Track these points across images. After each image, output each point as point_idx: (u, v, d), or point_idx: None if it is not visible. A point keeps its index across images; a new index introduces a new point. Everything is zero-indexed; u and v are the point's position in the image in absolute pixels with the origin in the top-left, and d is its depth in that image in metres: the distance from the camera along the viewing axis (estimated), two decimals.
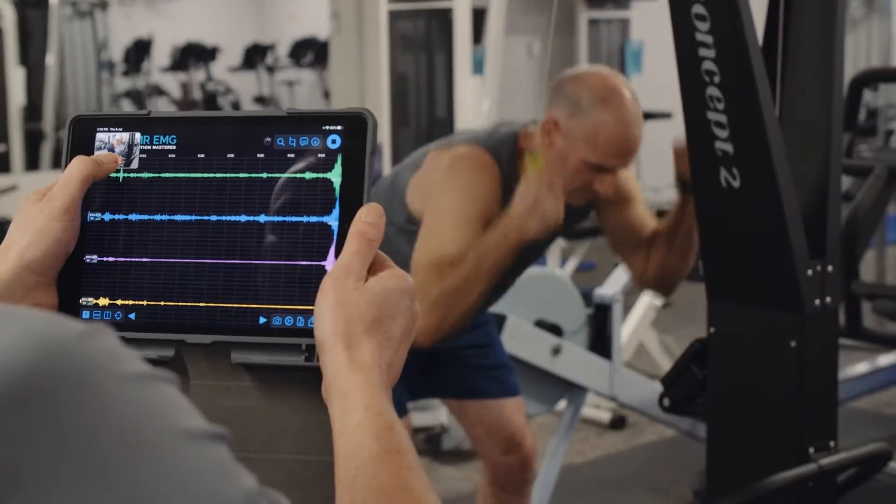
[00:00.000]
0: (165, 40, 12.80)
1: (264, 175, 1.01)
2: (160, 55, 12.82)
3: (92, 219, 1.03)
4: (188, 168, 1.02)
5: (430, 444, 4.78)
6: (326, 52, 12.03)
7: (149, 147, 1.03)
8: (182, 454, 0.62)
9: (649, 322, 5.50)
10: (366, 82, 6.97)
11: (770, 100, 2.43)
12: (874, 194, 3.60)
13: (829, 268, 2.50)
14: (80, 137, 1.05)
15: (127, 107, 11.95)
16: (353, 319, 0.92)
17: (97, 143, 1.04)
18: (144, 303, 1.02)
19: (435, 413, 4.69)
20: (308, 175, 0.99)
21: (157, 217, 1.02)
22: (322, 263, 0.98)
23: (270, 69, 13.53)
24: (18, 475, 0.56)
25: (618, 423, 5.20)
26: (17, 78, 7.72)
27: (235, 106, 13.01)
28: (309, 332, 0.97)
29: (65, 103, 9.65)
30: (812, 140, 2.53)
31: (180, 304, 1.01)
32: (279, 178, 1.00)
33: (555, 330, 3.76)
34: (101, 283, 1.03)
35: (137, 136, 1.04)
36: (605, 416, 5.20)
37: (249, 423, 0.99)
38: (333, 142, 0.99)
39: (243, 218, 1.00)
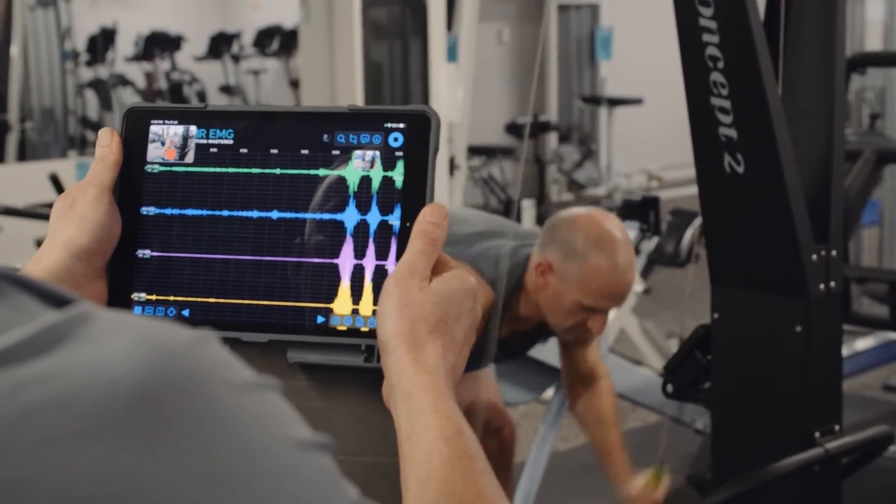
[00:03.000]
0: (130, 29, 12.66)
1: (323, 172, 0.98)
2: (124, 45, 12.68)
3: (145, 213, 1.00)
4: (245, 163, 0.99)
5: None
6: (291, 41, 11.93)
7: (205, 141, 1.00)
8: (294, 464, 0.61)
9: (630, 308, 5.50)
10: (337, 71, 6.94)
11: (774, 85, 2.43)
12: (863, 178, 3.61)
13: (833, 252, 2.50)
14: (134, 129, 1.02)
15: (91, 98, 11.81)
16: (417, 320, 0.89)
17: (151, 136, 1.01)
18: (199, 299, 0.99)
19: None
20: (369, 173, 0.97)
21: (213, 212, 0.99)
22: (382, 263, 0.96)
23: (236, 58, 13.41)
24: (143, 486, 0.54)
25: None
26: None
27: (201, 95, 12.88)
28: (369, 333, 0.95)
29: (29, 94, 9.52)
30: (814, 124, 2.53)
31: (236, 301, 0.98)
32: (339, 175, 0.98)
33: None
34: (153, 279, 1.00)
35: (193, 129, 1.01)
36: None
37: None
38: (395, 140, 0.97)
39: (302, 215, 0.98)
